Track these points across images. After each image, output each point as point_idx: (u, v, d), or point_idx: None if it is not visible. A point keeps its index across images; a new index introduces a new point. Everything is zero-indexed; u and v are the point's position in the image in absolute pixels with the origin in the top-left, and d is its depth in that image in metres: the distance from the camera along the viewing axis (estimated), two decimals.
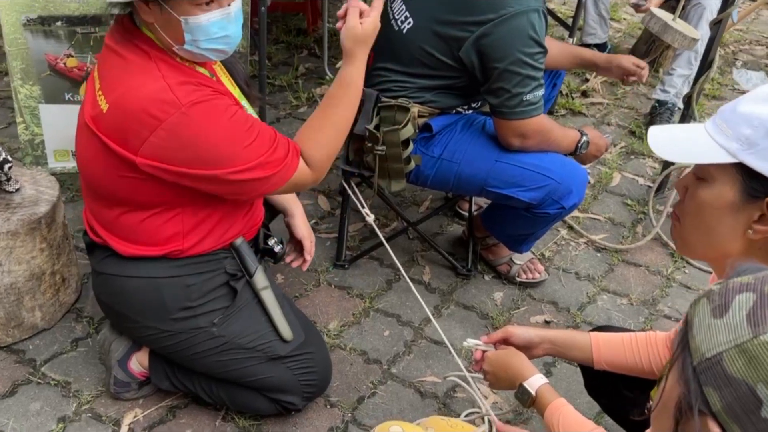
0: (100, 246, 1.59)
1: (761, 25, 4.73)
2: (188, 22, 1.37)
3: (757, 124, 0.95)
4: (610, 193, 2.93)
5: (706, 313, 0.69)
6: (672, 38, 2.60)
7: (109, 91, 1.41)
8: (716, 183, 1.01)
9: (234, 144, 1.41)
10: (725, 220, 1.01)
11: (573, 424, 1.28)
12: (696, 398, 0.67)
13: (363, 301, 2.29)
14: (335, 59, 3.67)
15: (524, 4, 1.77)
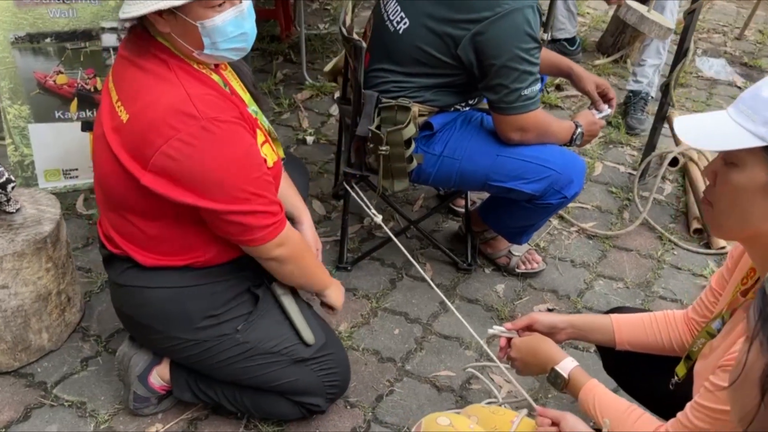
0: (120, 257, 1.58)
1: (716, 14, 4.91)
2: (204, 26, 1.37)
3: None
4: (594, 182, 3.01)
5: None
6: (649, 29, 2.70)
7: (130, 102, 1.41)
8: (747, 167, 1.06)
9: (245, 169, 1.42)
10: (759, 201, 1.06)
11: (609, 404, 1.33)
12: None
13: (369, 301, 2.31)
14: (312, 64, 3.69)
15: (519, 2, 1.81)
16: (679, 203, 2.91)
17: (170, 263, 1.55)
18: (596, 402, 1.34)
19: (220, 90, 1.47)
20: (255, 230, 1.48)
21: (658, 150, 2.91)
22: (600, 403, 1.33)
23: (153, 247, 1.54)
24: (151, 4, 1.33)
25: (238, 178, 1.41)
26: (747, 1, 5.08)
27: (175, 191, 1.40)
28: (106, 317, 2.12)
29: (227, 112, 1.41)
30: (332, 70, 2.47)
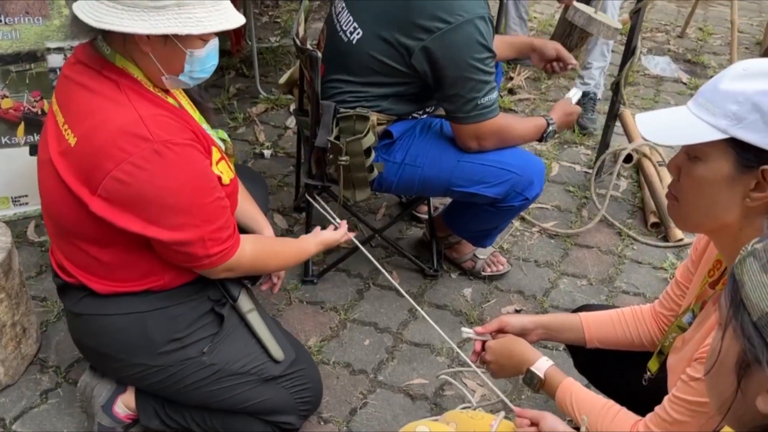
0: (75, 286, 1.52)
1: (657, 13, 5.06)
2: (192, 54, 1.37)
3: (742, 99, 1.01)
4: (551, 182, 3.05)
5: (755, 270, 0.73)
6: (597, 29, 2.75)
7: (77, 124, 1.35)
8: (710, 159, 1.07)
9: (197, 194, 1.38)
10: (723, 192, 1.07)
11: (586, 401, 1.34)
12: (762, 351, 0.71)
13: (338, 313, 2.28)
14: (265, 77, 3.66)
15: (470, 12, 1.82)
16: (636, 199, 2.97)
17: (127, 289, 1.50)
18: (573, 400, 1.34)
19: (173, 110, 1.43)
20: (201, 258, 1.45)
21: (612, 148, 2.97)
22: (577, 401, 1.34)
23: (107, 274, 1.49)
24: (163, 27, 1.28)
25: (190, 205, 1.37)
26: (686, 1, 5.25)
27: (122, 218, 1.35)
28: (64, 347, 2.04)
29: (181, 134, 1.37)
30: (287, 82, 2.45)
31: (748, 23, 4.97)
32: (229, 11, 1.36)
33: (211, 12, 1.32)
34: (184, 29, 1.29)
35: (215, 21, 1.32)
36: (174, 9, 1.28)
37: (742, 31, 4.69)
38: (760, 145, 1.01)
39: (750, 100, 1.01)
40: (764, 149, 1.01)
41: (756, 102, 1.00)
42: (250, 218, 1.80)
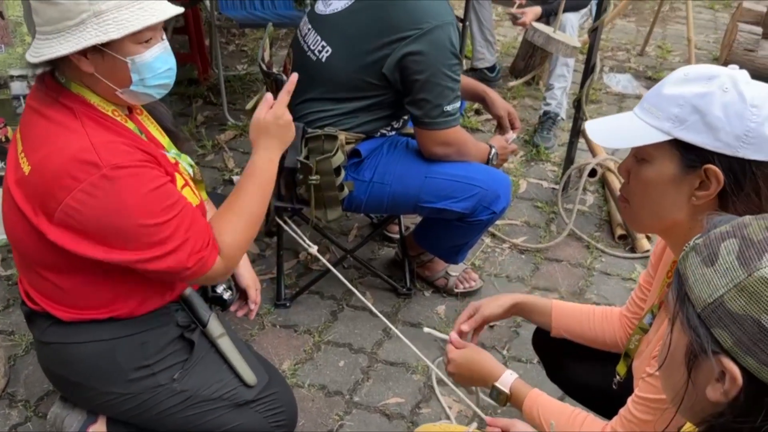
0: (41, 314, 1.49)
1: (618, 33, 5.19)
2: (135, 61, 1.34)
3: (683, 102, 1.06)
4: (520, 199, 3.09)
5: (697, 264, 0.76)
6: (556, 48, 2.83)
7: (32, 153, 1.34)
8: (656, 161, 1.11)
9: (155, 215, 1.35)
10: (670, 192, 1.11)
11: (553, 410, 1.34)
12: (707, 341, 0.73)
13: (311, 336, 2.27)
14: (233, 104, 3.67)
15: (439, 18, 1.88)
16: (602, 212, 3.02)
17: (90, 317, 1.47)
18: (540, 410, 1.35)
19: (130, 136, 1.41)
20: (182, 271, 1.41)
21: (577, 163, 3.03)
22: (544, 411, 1.35)
23: (70, 302, 1.46)
24: (83, 41, 1.28)
25: (145, 222, 1.34)
26: (645, 20, 5.41)
27: (82, 245, 1.33)
28: (33, 380, 2.00)
29: (131, 156, 1.34)
30: (254, 107, 2.45)
31: (705, 40, 5.13)
32: (155, 7, 1.33)
33: (133, 12, 1.30)
34: (105, 36, 1.28)
35: (137, 19, 1.30)
36: (93, 20, 1.28)
37: (699, 47, 4.84)
38: (702, 145, 1.05)
39: (690, 103, 1.05)
40: (706, 149, 1.05)
41: (696, 104, 1.05)
42: None
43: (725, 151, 1.05)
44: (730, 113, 1.03)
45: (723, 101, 1.04)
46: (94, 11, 1.28)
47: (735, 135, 1.04)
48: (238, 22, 3.67)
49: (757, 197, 1.07)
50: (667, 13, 5.56)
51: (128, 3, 1.30)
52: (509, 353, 2.24)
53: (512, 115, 2.34)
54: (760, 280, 0.70)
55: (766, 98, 1.04)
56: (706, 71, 1.08)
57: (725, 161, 1.05)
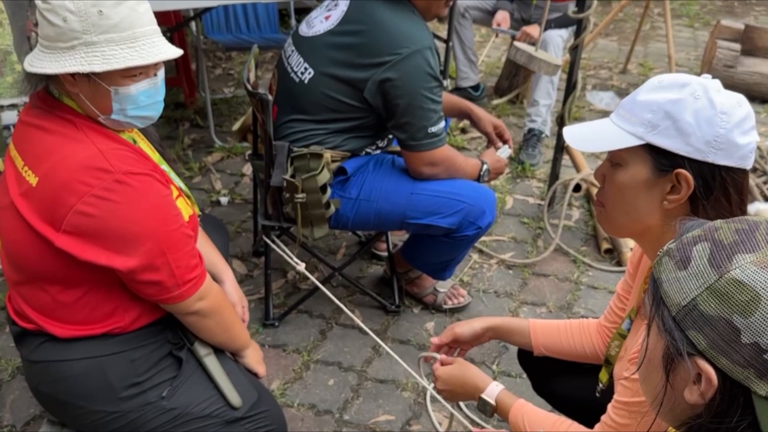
0: (33, 333, 1.49)
1: (599, 51, 5.28)
2: (118, 92, 1.36)
3: (656, 108, 1.10)
4: (507, 215, 3.12)
5: (670, 268, 0.78)
6: (538, 66, 2.87)
7: (38, 165, 1.36)
8: (630, 165, 1.14)
9: (162, 222, 1.39)
10: (643, 196, 1.14)
11: (538, 419, 1.35)
12: (682, 343, 0.75)
13: (300, 355, 2.27)
14: (220, 127, 3.69)
15: (417, 43, 1.91)
16: (588, 227, 3.05)
17: (87, 333, 1.47)
18: (526, 419, 1.36)
19: (130, 146, 1.44)
20: (173, 288, 1.44)
21: (562, 179, 3.06)
22: (530, 420, 1.36)
23: (70, 316, 1.47)
24: (68, 66, 1.30)
25: (154, 232, 1.37)
26: (626, 39, 5.50)
27: (88, 251, 1.35)
28: (19, 405, 1.98)
29: (140, 165, 1.39)
30: (241, 128, 2.48)
31: (686, 57, 5.23)
32: (148, 49, 1.35)
33: (123, 49, 1.32)
34: (88, 67, 1.30)
35: (124, 58, 1.32)
36: (82, 48, 1.31)
37: (680, 65, 4.92)
38: (673, 150, 1.08)
39: (663, 109, 1.09)
40: (677, 154, 1.08)
41: (668, 110, 1.08)
42: (209, 262, 1.80)
43: (696, 156, 1.08)
44: (700, 119, 1.06)
45: (694, 108, 1.07)
46: (85, 41, 1.30)
47: (705, 140, 1.07)
48: (224, 45, 3.71)
49: (727, 202, 1.11)
50: (647, 32, 5.67)
51: (122, 41, 1.32)
52: (498, 368, 2.24)
53: (500, 128, 2.36)
54: (730, 281, 0.72)
55: (734, 106, 1.08)
56: (679, 79, 1.11)
57: (696, 166, 1.08)
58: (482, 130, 2.37)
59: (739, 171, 1.10)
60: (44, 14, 1.31)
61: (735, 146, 1.07)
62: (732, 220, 0.78)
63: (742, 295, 0.70)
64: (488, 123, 2.36)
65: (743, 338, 0.70)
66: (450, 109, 2.39)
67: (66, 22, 1.29)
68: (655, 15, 5.90)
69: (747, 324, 0.70)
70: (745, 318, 0.70)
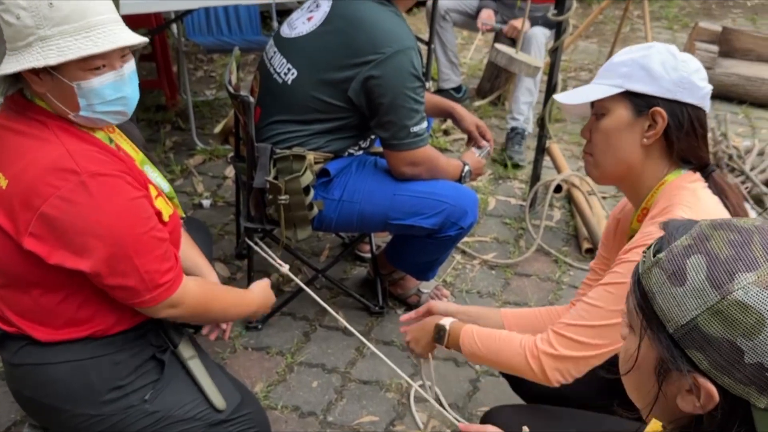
0: (13, 336, 1.47)
1: (580, 53, 5.32)
2: (81, 87, 1.34)
3: (630, 63, 1.32)
4: (489, 216, 3.14)
5: (663, 282, 0.75)
6: (518, 68, 2.89)
7: (7, 167, 1.35)
8: (612, 112, 1.34)
9: (129, 225, 1.36)
10: (625, 136, 1.33)
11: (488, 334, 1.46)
12: (681, 361, 0.74)
13: (284, 357, 2.26)
14: (202, 129, 3.67)
15: (401, 43, 1.92)
16: (569, 227, 3.07)
17: (70, 336, 1.46)
18: (477, 337, 1.46)
19: (103, 146, 1.42)
20: (141, 293, 1.41)
21: (543, 180, 3.08)
22: (480, 337, 1.46)
23: (51, 320, 1.45)
24: (25, 63, 1.29)
25: (119, 235, 1.35)
26: (606, 41, 5.56)
27: (55, 254, 1.33)
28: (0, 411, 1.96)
29: (110, 166, 1.36)
30: (223, 130, 2.47)
31: None
32: (106, 37, 1.32)
33: (78, 40, 1.30)
34: (44, 61, 1.28)
35: (78, 48, 1.30)
36: (38, 44, 1.29)
37: None
38: (648, 93, 1.29)
39: (636, 62, 1.31)
40: (651, 95, 1.29)
41: (641, 63, 1.30)
42: (193, 264, 1.79)
43: (666, 95, 1.29)
44: (667, 66, 1.29)
45: (660, 59, 1.30)
46: (39, 36, 1.29)
47: (673, 82, 1.28)
48: (205, 47, 3.69)
49: (695, 135, 1.31)
50: (627, 34, 5.72)
51: (75, 32, 1.30)
52: (481, 368, 2.25)
53: (481, 128, 2.38)
54: (734, 303, 0.70)
55: (690, 59, 1.31)
56: (645, 44, 1.35)
57: (667, 104, 1.29)
58: (465, 129, 2.40)
59: (700, 110, 1.31)
60: (2, 15, 1.30)
61: (696, 87, 1.29)
62: (720, 226, 0.76)
63: (746, 318, 0.69)
64: (471, 122, 2.38)
65: (746, 359, 0.70)
66: (433, 109, 2.40)
67: (19, 20, 1.28)
68: (635, 17, 5.96)
69: (751, 345, 0.69)
70: (749, 340, 0.69)
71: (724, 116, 3.83)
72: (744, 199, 2.78)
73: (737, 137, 3.76)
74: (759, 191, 3.27)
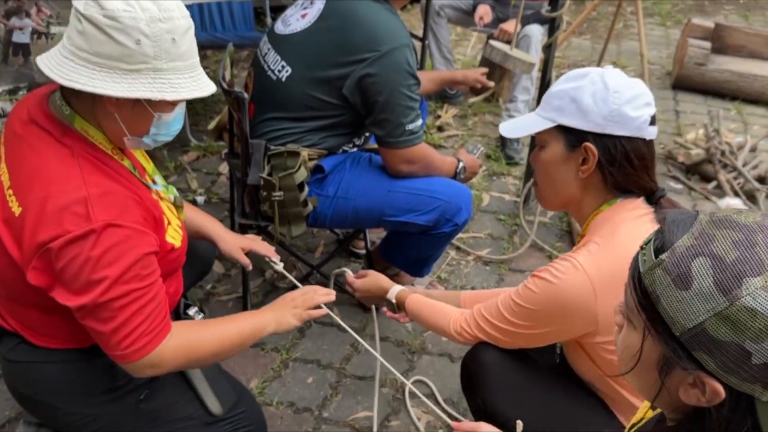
0: (10, 333, 1.47)
1: (574, 50, 5.34)
2: (160, 118, 1.34)
3: (563, 95, 1.34)
4: (483, 212, 3.15)
5: (667, 284, 0.75)
6: (513, 65, 2.90)
7: (23, 193, 1.30)
8: (549, 145, 1.38)
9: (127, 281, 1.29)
10: (562, 169, 1.37)
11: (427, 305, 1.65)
12: (687, 362, 0.75)
13: (279, 353, 2.27)
14: (196, 126, 3.66)
15: (396, 40, 1.92)
16: (562, 223, 3.09)
17: (65, 346, 1.45)
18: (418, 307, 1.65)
19: (127, 177, 1.38)
20: (113, 346, 1.32)
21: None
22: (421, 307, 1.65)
23: (49, 332, 1.44)
24: (137, 91, 1.24)
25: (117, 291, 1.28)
26: (599, 38, 5.57)
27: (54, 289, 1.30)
28: None
29: (126, 216, 1.30)
30: (217, 127, 2.47)
31: (658, 56, 5.30)
32: (202, 78, 1.35)
33: (186, 79, 1.30)
34: (159, 94, 1.26)
35: (189, 88, 1.30)
36: (149, 74, 1.26)
37: (652, 63, 5.00)
38: (578, 127, 1.32)
39: (568, 95, 1.33)
40: (582, 130, 1.31)
41: (572, 96, 1.32)
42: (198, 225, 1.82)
43: (596, 129, 1.30)
44: (597, 99, 1.29)
45: (592, 90, 1.30)
46: (154, 66, 1.26)
47: (603, 116, 1.29)
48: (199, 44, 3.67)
49: (631, 167, 1.31)
50: (620, 30, 5.74)
51: (185, 70, 1.30)
52: None
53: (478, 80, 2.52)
54: (742, 309, 0.71)
55: (625, 86, 1.30)
56: (581, 71, 1.35)
57: (598, 139, 1.31)
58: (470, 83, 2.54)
59: (639, 140, 1.31)
60: (108, 32, 1.22)
61: (628, 119, 1.28)
62: (721, 224, 0.75)
63: (755, 323, 0.70)
64: (471, 78, 2.50)
65: (754, 360, 0.71)
66: (432, 83, 2.50)
67: (138, 45, 1.23)
68: (628, 14, 5.97)
69: (759, 348, 0.70)
70: (757, 343, 0.70)
71: (717, 112, 3.85)
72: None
73: (730, 133, 3.78)
74: (751, 187, 3.29)
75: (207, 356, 1.47)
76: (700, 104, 4.41)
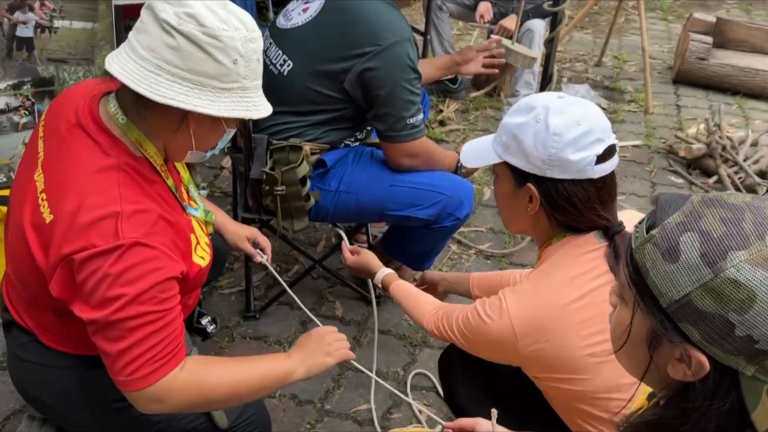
0: (23, 329, 1.46)
1: (575, 44, 5.34)
2: (228, 133, 1.37)
3: (508, 131, 1.28)
4: (485, 206, 3.16)
5: (656, 258, 0.77)
6: (514, 59, 2.90)
7: (56, 201, 1.28)
8: (500, 178, 1.35)
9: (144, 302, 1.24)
10: (512, 203, 1.34)
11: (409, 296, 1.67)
12: (673, 334, 0.77)
13: (282, 346, 2.28)
14: None
15: (397, 35, 1.92)
16: None
17: (77, 352, 1.44)
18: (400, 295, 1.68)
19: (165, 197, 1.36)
20: (118, 371, 1.26)
21: None
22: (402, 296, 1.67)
23: (64, 336, 1.43)
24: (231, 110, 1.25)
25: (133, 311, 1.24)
26: (601, 32, 5.57)
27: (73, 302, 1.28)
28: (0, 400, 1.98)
29: (156, 238, 1.26)
30: None
31: (660, 50, 5.30)
32: (263, 96, 1.38)
33: (260, 98, 1.34)
34: (247, 113, 1.28)
35: (263, 105, 1.34)
36: (238, 92, 1.27)
37: (654, 57, 5.00)
38: (521, 167, 1.27)
39: (511, 132, 1.28)
40: (524, 171, 1.27)
41: (515, 134, 1.27)
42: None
43: (537, 172, 1.26)
44: (537, 141, 1.23)
45: (534, 131, 1.24)
46: (243, 86, 1.27)
47: (541, 159, 1.24)
48: None
49: (574, 209, 1.26)
50: (622, 25, 5.74)
51: (259, 88, 1.34)
52: None
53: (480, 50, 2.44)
54: (726, 281, 0.72)
55: (567, 127, 1.22)
56: (529, 103, 1.28)
57: (540, 181, 1.26)
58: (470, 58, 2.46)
59: (584, 181, 1.25)
60: (209, 50, 1.21)
61: (568, 162, 1.22)
62: (712, 203, 0.77)
63: (738, 294, 0.72)
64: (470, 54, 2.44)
65: (737, 332, 0.73)
66: (432, 67, 2.46)
67: (235, 65, 1.23)
68: (630, 8, 5.97)
69: (742, 320, 0.72)
70: (740, 315, 0.72)
71: (718, 107, 3.85)
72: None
73: (731, 128, 3.79)
74: (752, 181, 3.29)
75: (221, 398, 1.36)
76: (702, 99, 4.41)
